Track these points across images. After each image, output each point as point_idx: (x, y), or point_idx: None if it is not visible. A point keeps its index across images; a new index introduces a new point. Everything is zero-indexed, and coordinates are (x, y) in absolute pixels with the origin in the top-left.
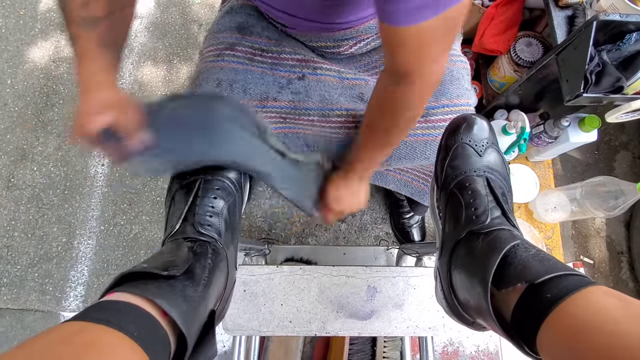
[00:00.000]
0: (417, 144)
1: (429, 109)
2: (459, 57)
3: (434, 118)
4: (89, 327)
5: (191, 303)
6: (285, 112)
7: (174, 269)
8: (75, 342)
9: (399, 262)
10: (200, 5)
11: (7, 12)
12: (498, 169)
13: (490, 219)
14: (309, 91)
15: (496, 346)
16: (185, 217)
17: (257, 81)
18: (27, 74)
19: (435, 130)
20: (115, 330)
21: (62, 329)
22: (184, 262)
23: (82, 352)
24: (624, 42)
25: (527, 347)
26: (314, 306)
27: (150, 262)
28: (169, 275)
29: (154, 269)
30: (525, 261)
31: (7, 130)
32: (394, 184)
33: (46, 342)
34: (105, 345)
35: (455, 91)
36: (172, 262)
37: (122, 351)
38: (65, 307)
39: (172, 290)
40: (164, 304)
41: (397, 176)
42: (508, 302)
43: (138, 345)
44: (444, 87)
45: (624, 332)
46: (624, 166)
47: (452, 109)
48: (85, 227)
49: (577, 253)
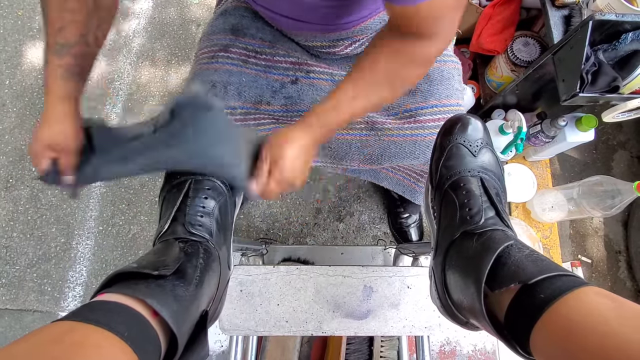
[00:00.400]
0: (405, 143)
1: (418, 109)
2: (450, 57)
3: (422, 118)
4: (78, 326)
5: (182, 303)
6: (278, 115)
7: (164, 269)
8: (65, 342)
9: (396, 261)
10: (199, 5)
11: (5, 13)
12: (492, 169)
13: (484, 219)
14: (302, 95)
15: (493, 345)
16: (175, 217)
17: (251, 84)
18: (25, 74)
19: (424, 131)
20: (104, 330)
21: (51, 329)
22: (175, 262)
23: (71, 352)
24: (620, 42)
25: (520, 347)
26: (310, 306)
27: (140, 262)
28: (160, 275)
29: (144, 268)
30: (518, 262)
31: (5, 131)
32: (387, 181)
33: (36, 341)
34: (94, 345)
35: (444, 91)
36: (162, 262)
37: (111, 351)
38: (63, 308)
39: (162, 290)
40: (155, 303)
41: (389, 174)
42: (501, 303)
43: (128, 345)
44: (433, 87)
45: (616, 333)
46: (622, 165)
47: (441, 109)
48: (83, 228)
49: (574, 252)
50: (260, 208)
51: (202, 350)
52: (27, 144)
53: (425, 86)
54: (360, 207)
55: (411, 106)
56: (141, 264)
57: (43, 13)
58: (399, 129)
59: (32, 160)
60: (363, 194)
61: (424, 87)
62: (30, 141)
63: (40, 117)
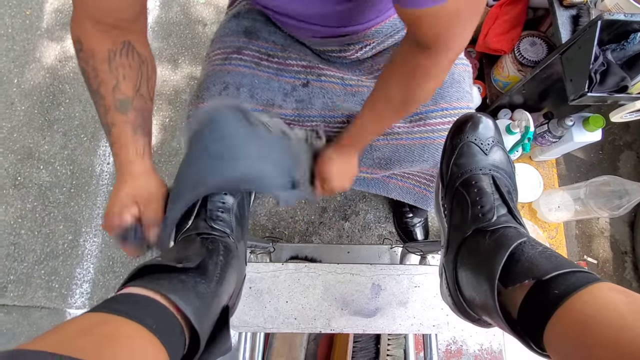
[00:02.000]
0: (415, 147)
1: (428, 113)
2: (461, 60)
3: (432, 121)
4: (108, 318)
5: (204, 300)
6: (289, 119)
7: (187, 262)
8: (96, 334)
9: (403, 260)
10: (205, 5)
11: (13, 12)
12: (504, 167)
13: (497, 216)
14: (312, 98)
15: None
16: (197, 213)
17: (263, 86)
18: (33, 73)
19: (434, 134)
20: (134, 322)
21: (82, 321)
22: (197, 256)
23: (103, 343)
24: (628, 42)
25: (534, 343)
26: (319, 303)
27: (163, 257)
28: (183, 267)
29: (168, 261)
30: (532, 258)
31: (13, 129)
32: (396, 192)
33: (66, 333)
34: (124, 337)
35: (455, 94)
36: (185, 256)
37: (141, 343)
38: (71, 304)
39: (184, 286)
40: (177, 299)
41: (398, 183)
42: (514, 299)
43: (156, 337)
44: (443, 90)
45: (630, 327)
46: (629, 166)
47: (451, 112)
48: (91, 225)
49: (580, 253)
50: (266, 207)
51: (224, 345)
52: (34, 142)
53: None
54: (365, 206)
55: (422, 109)
56: (164, 257)
57: (90, 82)
58: (408, 132)
59: (108, 222)
60: (368, 193)
61: (435, 91)
62: (106, 208)
63: (119, 177)
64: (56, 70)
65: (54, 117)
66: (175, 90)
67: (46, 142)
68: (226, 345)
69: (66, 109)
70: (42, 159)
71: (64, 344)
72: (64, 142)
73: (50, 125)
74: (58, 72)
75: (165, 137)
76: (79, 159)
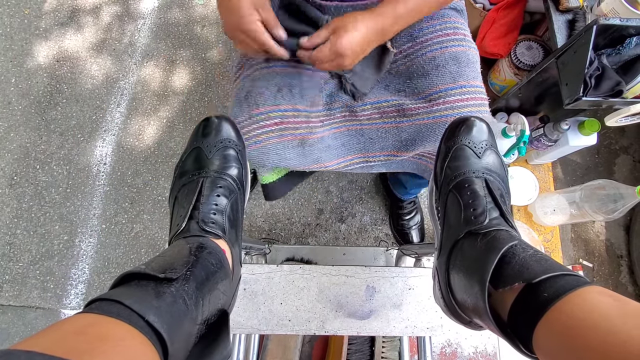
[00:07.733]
0: (437, 125)
1: (447, 90)
2: (473, 44)
3: (451, 99)
4: (101, 319)
5: (178, 312)
6: (322, 116)
7: (171, 272)
8: (89, 334)
9: (398, 262)
10: (204, 6)
11: (12, 12)
12: (497, 171)
13: (489, 219)
14: (338, 90)
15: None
16: (190, 215)
17: (307, 84)
18: (31, 72)
19: (453, 111)
20: (125, 324)
21: (75, 321)
22: (183, 266)
23: (96, 344)
24: (624, 46)
25: (523, 346)
26: (313, 305)
27: (149, 264)
28: (166, 277)
29: (152, 270)
30: (523, 261)
31: (10, 129)
32: (412, 166)
33: (60, 332)
34: (117, 338)
35: (471, 73)
36: (170, 265)
37: (132, 344)
38: (66, 305)
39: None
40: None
41: (417, 161)
42: (505, 302)
43: (147, 338)
44: (461, 68)
45: (618, 330)
46: (624, 170)
47: (469, 89)
48: (86, 226)
49: (576, 256)
50: (263, 208)
51: (225, 349)
52: (30, 142)
53: (454, 67)
54: (362, 209)
55: (441, 87)
56: (149, 265)
57: None
58: (428, 112)
59: (245, 27)
60: (365, 195)
61: (453, 69)
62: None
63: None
64: (54, 70)
65: (51, 116)
66: (172, 91)
67: (43, 142)
68: (227, 351)
69: (63, 109)
70: (39, 158)
71: (58, 343)
72: (61, 142)
73: (47, 125)
74: (56, 72)
75: (162, 138)
76: (75, 159)
